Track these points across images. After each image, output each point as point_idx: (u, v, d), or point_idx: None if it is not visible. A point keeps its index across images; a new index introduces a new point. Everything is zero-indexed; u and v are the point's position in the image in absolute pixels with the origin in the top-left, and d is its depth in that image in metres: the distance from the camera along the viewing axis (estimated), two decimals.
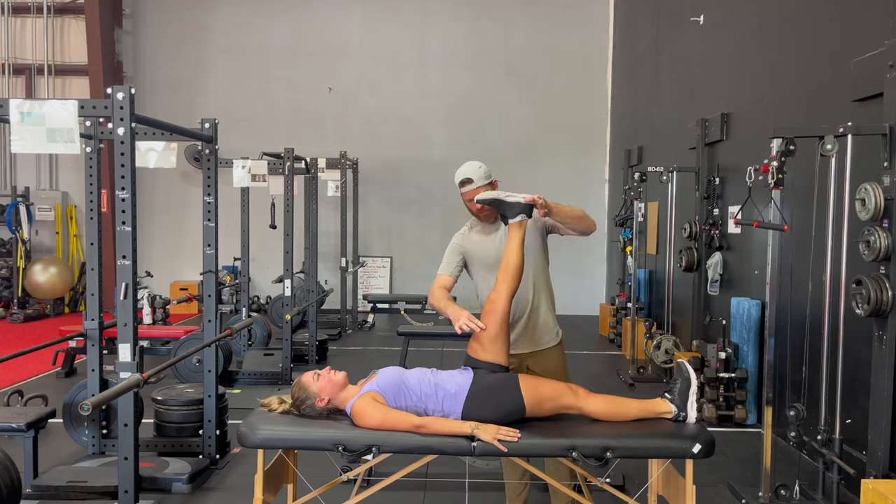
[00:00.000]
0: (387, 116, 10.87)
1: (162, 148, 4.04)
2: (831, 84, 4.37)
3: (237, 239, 6.87)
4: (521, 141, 10.78)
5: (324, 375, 2.79)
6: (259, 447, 2.69)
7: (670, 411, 2.76)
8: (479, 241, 3.20)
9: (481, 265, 3.19)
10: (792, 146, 3.55)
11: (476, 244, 3.20)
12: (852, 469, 3.46)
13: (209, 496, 3.85)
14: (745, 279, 5.54)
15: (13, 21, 11.00)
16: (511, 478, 3.35)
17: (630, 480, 3.89)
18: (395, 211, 10.99)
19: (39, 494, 3.68)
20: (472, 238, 3.22)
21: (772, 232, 3.69)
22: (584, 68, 10.87)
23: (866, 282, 3.26)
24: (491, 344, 2.85)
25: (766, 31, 5.42)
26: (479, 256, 3.19)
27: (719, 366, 5.03)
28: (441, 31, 10.98)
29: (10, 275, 10.19)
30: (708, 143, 6.25)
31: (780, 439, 4.31)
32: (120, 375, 2.98)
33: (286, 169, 6.25)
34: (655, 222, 7.87)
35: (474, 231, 3.24)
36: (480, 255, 3.18)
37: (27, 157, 10.89)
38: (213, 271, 4.19)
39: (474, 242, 3.21)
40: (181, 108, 10.34)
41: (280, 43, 10.95)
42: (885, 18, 3.77)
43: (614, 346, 8.31)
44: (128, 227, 2.98)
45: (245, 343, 6.84)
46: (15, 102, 2.90)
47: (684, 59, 7.33)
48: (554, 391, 2.78)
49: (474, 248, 3.20)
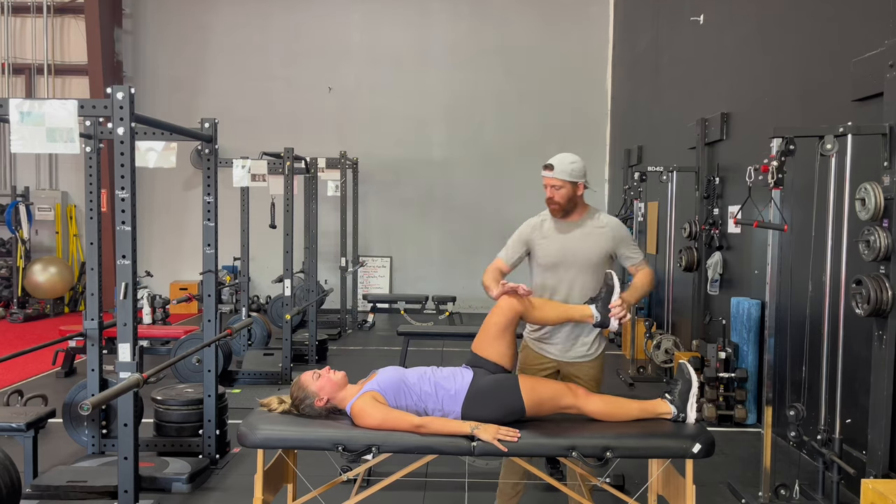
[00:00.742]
0: (387, 116, 10.86)
1: (161, 148, 4.04)
2: (831, 84, 4.37)
3: (237, 239, 6.87)
4: (521, 141, 10.77)
5: (323, 375, 2.79)
6: (259, 447, 2.69)
7: (670, 412, 2.76)
8: (547, 236, 3.13)
9: (543, 258, 3.14)
10: (792, 146, 3.55)
11: (544, 239, 3.13)
12: (852, 469, 3.47)
13: (209, 496, 3.85)
14: (745, 279, 5.54)
15: (13, 21, 11.00)
16: (508, 479, 3.33)
17: (630, 480, 3.88)
18: (395, 211, 10.99)
19: (39, 494, 3.68)
20: (542, 231, 3.15)
21: (772, 232, 3.69)
22: (584, 68, 10.86)
23: (866, 282, 3.26)
24: (496, 341, 2.85)
25: (766, 31, 5.42)
26: (541, 253, 3.14)
27: (719, 365, 5.03)
28: (441, 31, 10.98)
29: (10, 274, 10.19)
30: (708, 143, 6.25)
31: (780, 439, 4.31)
32: (120, 375, 2.98)
33: (286, 169, 6.25)
34: (655, 222, 7.87)
35: (546, 224, 3.16)
36: (542, 253, 3.13)
37: (27, 157, 10.88)
38: (213, 271, 4.19)
39: (543, 237, 3.14)
40: (181, 108, 10.33)
41: (280, 43, 10.95)
42: (885, 18, 3.77)
43: (614, 345, 8.31)
44: (127, 227, 2.98)
45: (245, 343, 6.84)
46: (15, 102, 2.90)
47: (684, 59, 7.33)
48: (553, 392, 2.79)
49: (541, 242, 3.14)
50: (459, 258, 10.77)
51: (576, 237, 3.10)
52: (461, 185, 10.90)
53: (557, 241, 3.11)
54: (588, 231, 3.10)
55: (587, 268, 3.07)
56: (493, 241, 10.82)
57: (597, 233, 3.10)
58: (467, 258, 10.75)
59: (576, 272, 3.08)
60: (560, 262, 3.09)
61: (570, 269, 3.09)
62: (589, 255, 3.06)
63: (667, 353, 6.29)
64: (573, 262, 3.08)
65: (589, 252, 3.07)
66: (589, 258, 3.07)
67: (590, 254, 3.07)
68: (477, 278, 9.42)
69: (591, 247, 3.08)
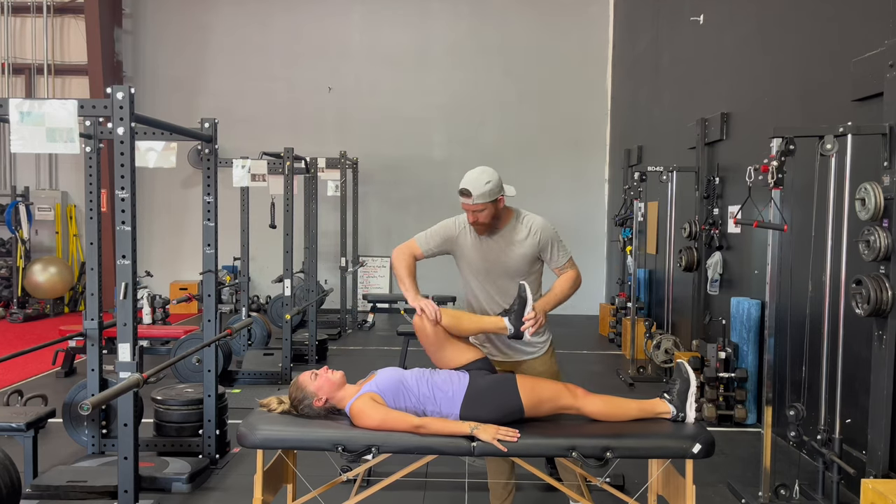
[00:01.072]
0: (387, 116, 10.86)
1: (161, 148, 4.04)
2: (831, 84, 4.37)
3: (237, 239, 6.87)
4: (521, 141, 10.77)
5: (321, 375, 2.79)
6: (258, 447, 2.69)
7: (669, 412, 2.76)
8: (472, 243, 3.12)
9: (467, 267, 3.16)
10: (792, 146, 3.55)
11: (468, 244, 3.13)
12: (852, 469, 3.47)
13: (209, 496, 3.85)
14: (745, 279, 5.53)
15: (13, 21, 11.00)
16: (496, 478, 3.32)
17: (630, 480, 3.88)
18: (395, 211, 10.99)
19: (39, 494, 3.68)
20: (468, 239, 3.14)
21: (771, 232, 3.68)
22: (584, 68, 10.86)
23: (866, 282, 3.26)
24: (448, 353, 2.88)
25: (765, 31, 5.42)
26: (466, 258, 3.14)
27: (719, 365, 5.03)
28: (441, 31, 10.98)
29: (10, 274, 10.19)
30: (708, 143, 6.25)
31: (780, 439, 4.31)
32: (119, 375, 2.98)
33: (286, 169, 6.25)
34: (655, 222, 7.87)
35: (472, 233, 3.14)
36: (468, 258, 3.14)
37: (27, 157, 10.88)
38: (213, 271, 4.19)
39: (467, 241, 3.13)
40: (181, 108, 10.33)
41: (280, 43, 10.95)
42: (885, 18, 3.77)
43: (614, 345, 8.31)
44: (127, 227, 2.98)
45: (245, 343, 6.84)
46: (14, 102, 2.90)
47: (684, 58, 7.33)
48: (552, 392, 2.78)
49: (465, 246, 3.14)
50: None
51: (500, 247, 3.08)
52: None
53: (481, 251, 3.10)
54: (511, 240, 3.07)
55: (514, 275, 3.07)
56: None
57: (519, 241, 3.07)
58: None
59: (501, 280, 3.10)
60: (486, 271, 3.10)
61: (497, 277, 3.10)
62: (513, 264, 3.07)
63: (667, 353, 6.28)
64: (499, 272, 3.09)
65: (512, 261, 3.07)
66: (513, 267, 3.07)
67: (514, 263, 3.06)
68: None
69: (515, 256, 3.07)
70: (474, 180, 2.95)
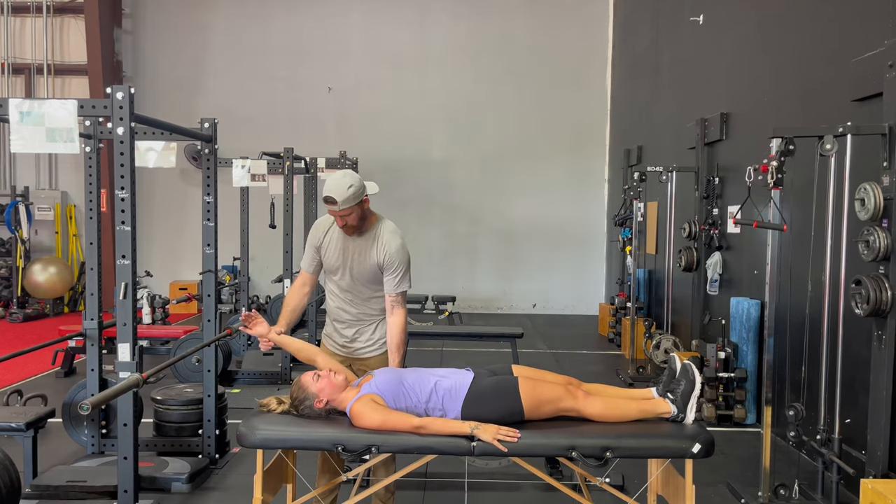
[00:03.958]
0: (387, 116, 10.86)
1: (161, 148, 4.04)
2: (831, 84, 4.37)
3: (237, 239, 6.87)
4: (521, 141, 10.78)
5: (324, 376, 2.78)
6: (258, 447, 2.69)
7: (669, 411, 2.76)
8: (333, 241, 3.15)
9: (325, 267, 3.21)
10: (791, 146, 3.55)
11: (330, 244, 3.16)
12: (851, 469, 3.47)
13: (209, 496, 3.85)
14: (745, 279, 5.54)
15: (13, 21, 11.00)
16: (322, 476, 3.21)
17: (630, 480, 3.89)
18: (395, 211, 10.91)
19: (39, 494, 3.68)
20: (331, 235, 3.16)
21: (771, 232, 3.69)
22: (583, 68, 10.87)
23: (866, 282, 3.27)
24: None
25: (765, 31, 5.42)
26: (325, 258, 3.18)
27: (719, 365, 5.03)
28: (441, 30, 10.98)
29: (10, 274, 10.19)
30: (707, 143, 6.25)
31: (780, 439, 4.32)
32: (119, 375, 2.99)
33: (286, 168, 6.25)
34: (655, 222, 7.87)
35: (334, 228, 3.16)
36: (326, 257, 3.18)
37: (27, 157, 10.88)
38: (213, 271, 4.19)
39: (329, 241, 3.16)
40: (181, 108, 10.33)
41: (280, 43, 10.95)
42: (884, 18, 3.77)
43: (613, 345, 8.31)
44: (127, 227, 2.98)
45: (245, 343, 6.84)
46: (14, 102, 2.90)
47: (684, 59, 7.33)
48: (553, 394, 2.78)
49: (327, 247, 3.17)
50: (459, 258, 10.77)
51: (357, 246, 3.11)
52: (461, 185, 10.91)
53: (340, 247, 3.14)
54: (367, 244, 3.10)
55: (369, 279, 3.11)
56: (493, 241, 10.93)
57: (371, 246, 3.09)
58: (467, 258, 10.76)
59: (357, 284, 3.13)
60: (339, 268, 3.14)
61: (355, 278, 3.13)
62: (367, 267, 3.09)
63: (666, 353, 6.29)
64: (357, 271, 3.11)
65: (367, 265, 3.09)
66: (368, 270, 3.09)
67: (369, 267, 3.09)
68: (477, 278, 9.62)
69: (365, 260, 3.09)
70: (336, 187, 2.95)
